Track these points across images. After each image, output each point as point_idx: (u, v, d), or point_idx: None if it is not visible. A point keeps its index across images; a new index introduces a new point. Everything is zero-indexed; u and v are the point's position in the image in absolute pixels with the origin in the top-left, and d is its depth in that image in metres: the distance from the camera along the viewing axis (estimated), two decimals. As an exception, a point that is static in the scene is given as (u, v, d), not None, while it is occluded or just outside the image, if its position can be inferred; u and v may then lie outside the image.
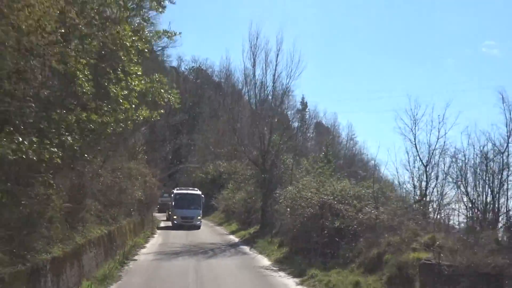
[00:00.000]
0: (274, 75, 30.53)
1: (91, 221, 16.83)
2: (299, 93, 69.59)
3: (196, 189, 39.13)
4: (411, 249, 13.03)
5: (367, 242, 14.96)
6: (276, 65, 30.21)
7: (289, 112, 57.02)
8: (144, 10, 11.43)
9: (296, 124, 65.62)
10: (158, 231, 32.23)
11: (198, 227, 34.67)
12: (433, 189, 20.89)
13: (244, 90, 41.37)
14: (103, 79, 9.50)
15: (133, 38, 9.72)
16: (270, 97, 31.38)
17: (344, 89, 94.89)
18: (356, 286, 13.01)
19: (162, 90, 11.59)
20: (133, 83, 10.27)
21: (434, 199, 22.42)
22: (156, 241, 26.66)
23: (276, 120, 30.27)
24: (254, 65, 30.97)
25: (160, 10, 11.55)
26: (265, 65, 30.68)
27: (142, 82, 10.80)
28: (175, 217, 35.07)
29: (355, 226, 16.35)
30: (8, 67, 5.73)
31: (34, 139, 7.45)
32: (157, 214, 42.27)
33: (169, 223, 36.27)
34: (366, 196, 17.85)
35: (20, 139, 7.32)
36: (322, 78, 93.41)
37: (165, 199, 43.51)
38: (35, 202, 10.28)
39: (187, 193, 37.05)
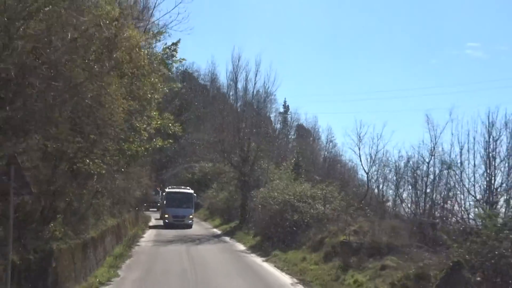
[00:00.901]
0: (253, 92, 36.01)
1: (105, 214, 21.88)
2: (282, 96, 74.16)
3: (188, 188, 39.07)
4: (343, 234, 18.37)
5: (315, 231, 20.26)
6: (255, 83, 35.64)
7: (271, 115, 61.89)
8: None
9: (278, 126, 70.81)
10: (151, 224, 36.76)
11: (190, 226, 34.61)
12: (377, 190, 26.57)
13: (228, 93, 46.69)
14: (132, 118, 14.52)
15: (152, 91, 14.78)
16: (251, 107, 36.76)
17: (329, 91, 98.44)
18: (303, 260, 18.25)
19: (170, 124, 16.82)
20: (152, 123, 15.44)
21: (390, 198, 28.26)
22: (151, 232, 31.63)
23: (254, 131, 35.41)
24: (236, 83, 36.37)
25: (169, 72, 16.67)
26: (246, 83, 36.06)
27: (159, 122, 15.96)
28: (166, 216, 35.10)
29: (308, 219, 21.63)
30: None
31: (96, 161, 12.54)
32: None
33: (162, 222, 36.19)
34: (319, 196, 23.15)
35: (87, 160, 12.43)
36: (308, 78, 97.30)
37: (153, 197, 45.49)
38: (75, 199, 15.33)
39: (179, 192, 36.97)
